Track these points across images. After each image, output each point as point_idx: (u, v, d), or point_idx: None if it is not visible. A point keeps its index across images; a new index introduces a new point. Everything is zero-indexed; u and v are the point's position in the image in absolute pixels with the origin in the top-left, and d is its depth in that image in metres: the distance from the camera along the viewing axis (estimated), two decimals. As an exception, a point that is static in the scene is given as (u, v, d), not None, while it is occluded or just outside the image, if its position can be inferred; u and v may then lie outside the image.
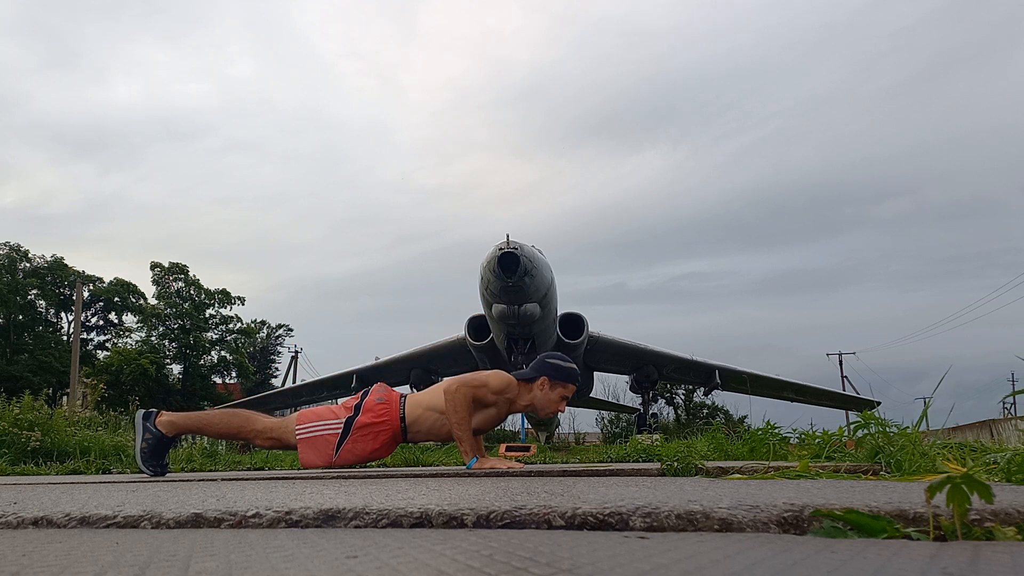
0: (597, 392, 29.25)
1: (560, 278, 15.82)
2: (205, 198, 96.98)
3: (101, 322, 43.42)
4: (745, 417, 27.92)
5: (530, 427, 25.49)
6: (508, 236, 13.56)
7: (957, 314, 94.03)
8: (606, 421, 37.05)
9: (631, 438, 12.94)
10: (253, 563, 0.84)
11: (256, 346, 49.05)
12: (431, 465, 5.94)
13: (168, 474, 3.93)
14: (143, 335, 42.04)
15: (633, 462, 5.73)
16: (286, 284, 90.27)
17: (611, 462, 6.10)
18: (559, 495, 1.49)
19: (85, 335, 40.67)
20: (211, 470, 5.78)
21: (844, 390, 33.22)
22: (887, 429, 3.15)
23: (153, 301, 42.48)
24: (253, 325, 47.46)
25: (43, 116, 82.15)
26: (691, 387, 34.82)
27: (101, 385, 33.14)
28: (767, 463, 3.28)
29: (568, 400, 4.15)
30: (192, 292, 42.90)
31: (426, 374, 20.35)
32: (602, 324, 27.48)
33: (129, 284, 42.10)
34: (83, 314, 36.30)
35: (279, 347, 51.06)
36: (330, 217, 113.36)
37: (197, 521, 1.23)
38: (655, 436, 11.28)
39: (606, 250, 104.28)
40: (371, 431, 4.05)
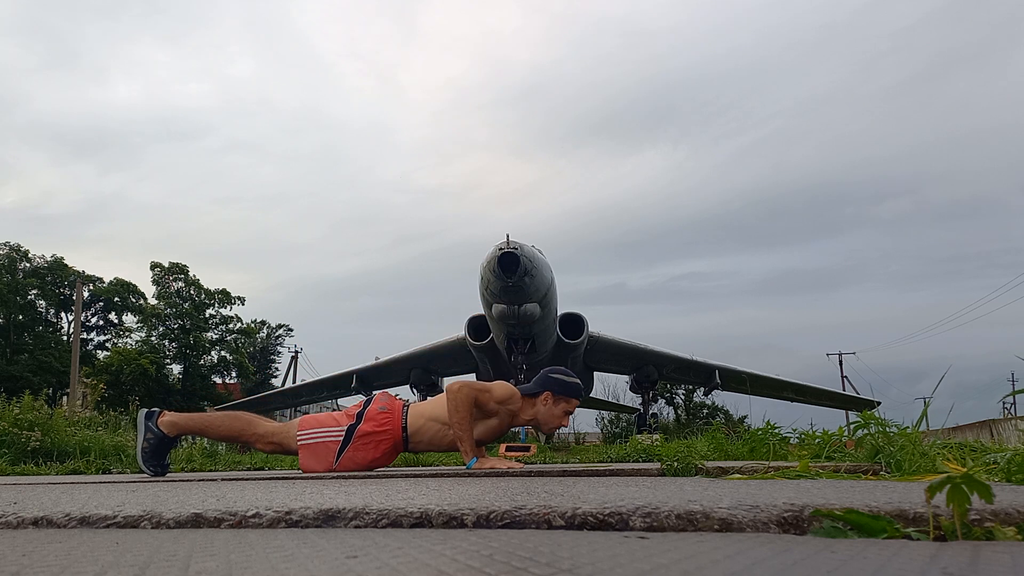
0: (597, 392, 29.27)
1: (560, 278, 15.84)
2: (205, 198, 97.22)
3: (101, 322, 43.43)
4: (745, 417, 27.93)
5: (530, 428, 25.48)
6: (508, 236, 13.58)
7: (957, 314, 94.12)
8: (606, 421, 37.03)
9: (631, 438, 12.93)
10: (253, 563, 0.84)
11: (256, 346, 49.04)
12: (431, 465, 5.94)
13: (168, 474, 3.93)
14: (143, 335, 42.08)
15: (633, 462, 5.73)
16: (286, 284, 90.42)
17: (611, 462, 6.09)
18: (559, 495, 1.49)
19: (85, 335, 40.67)
20: (211, 470, 5.79)
21: (844, 390, 33.24)
22: (887, 429, 3.15)
23: (153, 301, 42.49)
24: (253, 325, 47.45)
25: (43, 116, 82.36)
26: (691, 387, 34.82)
27: (101, 385, 33.16)
28: (767, 463, 3.27)
29: (571, 414, 4.19)
30: (192, 292, 42.89)
31: (426, 374, 20.37)
32: (602, 324, 27.53)
33: (129, 284, 42.10)
34: (83, 314, 36.30)
35: (279, 347, 51.13)
36: (330, 217, 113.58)
37: (197, 521, 1.23)
38: (655, 436, 11.27)
39: (606, 250, 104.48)
40: (372, 440, 4.06)
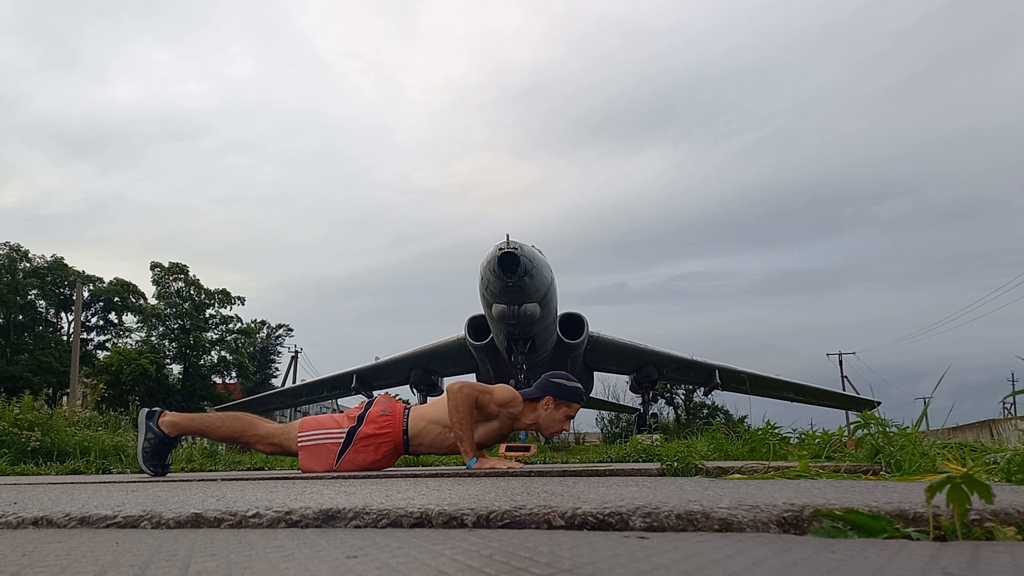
0: (597, 392, 29.30)
1: (560, 278, 15.84)
2: (205, 198, 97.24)
3: (101, 322, 43.44)
4: (745, 417, 27.94)
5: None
6: (508, 236, 13.58)
7: (957, 314, 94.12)
8: (606, 421, 37.08)
9: (631, 438, 12.93)
10: (253, 563, 0.84)
11: (256, 346, 49.06)
12: (431, 465, 5.94)
13: (168, 474, 3.93)
14: (143, 335, 42.10)
15: (633, 462, 5.74)
16: (286, 284, 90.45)
17: (611, 462, 6.10)
18: (559, 495, 1.49)
19: (85, 335, 40.68)
20: (211, 470, 5.79)
21: (844, 390, 33.24)
22: (887, 429, 3.14)
23: (153, 301, 42.50)
24: (253, 325, 47.47)
25: (43, 116, 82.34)
26: (691, 387, 34.84)
27: (101, 385, 33.08)
28: (767, 463, 3.27)
29: (572, 419, 4.19)
30: (192, 292, 42.90)
31: (426, 374, 20.37)
32: (602, 324, 27.52)
33: (129, 284, 42.12)
34: (83, 314, 36.30)
35: (279, 347, 51.16)
36: (330, 217, 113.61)
37: (197, 521, 1.23)
38: (655, 436, 11.28)
39: (606, 250, 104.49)
40: (373, 442, 4.07)
